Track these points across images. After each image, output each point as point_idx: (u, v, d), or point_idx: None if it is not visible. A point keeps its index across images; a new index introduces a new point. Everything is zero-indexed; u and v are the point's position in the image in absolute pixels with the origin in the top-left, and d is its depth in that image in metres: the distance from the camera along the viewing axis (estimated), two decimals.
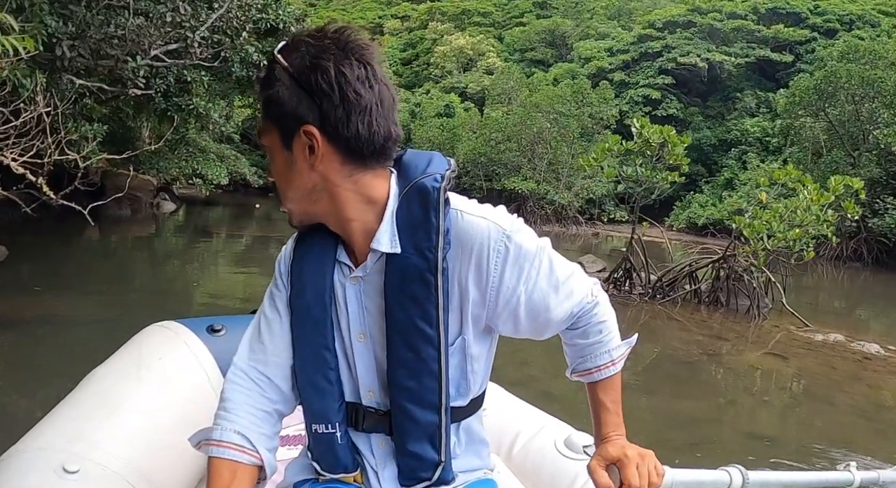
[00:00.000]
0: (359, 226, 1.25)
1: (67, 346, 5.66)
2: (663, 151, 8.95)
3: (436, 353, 1.28)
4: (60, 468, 1.66)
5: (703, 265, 9.93)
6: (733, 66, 33.75)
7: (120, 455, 1.83)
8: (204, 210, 19.90)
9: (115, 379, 2.20)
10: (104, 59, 8.74)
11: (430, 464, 1.34)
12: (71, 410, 2.02)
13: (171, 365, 2.30)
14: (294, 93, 1.16)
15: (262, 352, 1.36)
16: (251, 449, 1.30)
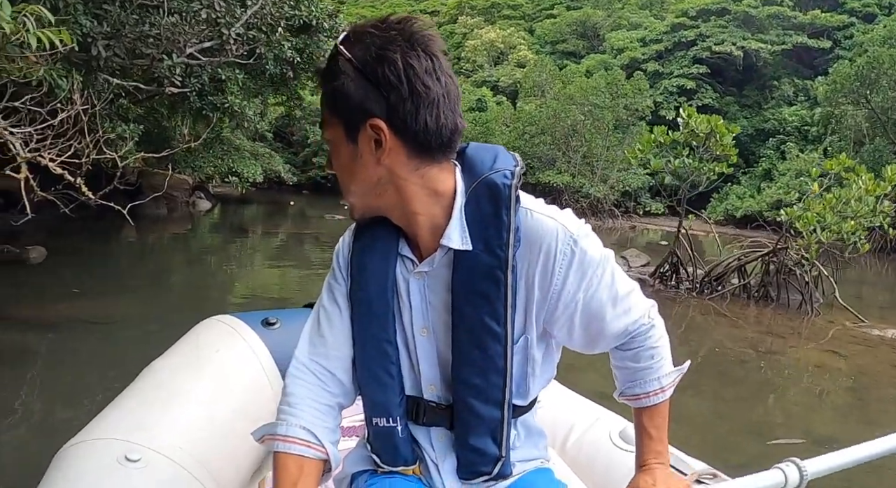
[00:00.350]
0: (425, 220, 1.24)
1: (107, 347, 5.60)
2: (710, 142, 8.67)
3: (502, 350, 1.27)
4: (123, 456, 1.70)
5: (753, 259, 9.62)
6: (769, 54, 33.07)
7: (180, 445, 1.86)
8: (238, 208, 19.90)
9: (174, 371, 2.26)
10: (139, 59, 8.69)
11: (490, 459, 1.35)
12: (131, 401, 2.07)
13: (228, 357, 2.36)
14: (360, 85, 1.14)
15: (323, 346, 1.35)
16: (317, 444, 1.29)
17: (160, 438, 1.85)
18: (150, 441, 1.81)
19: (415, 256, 1.28)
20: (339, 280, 1.36)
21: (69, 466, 1.72)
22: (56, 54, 6.09)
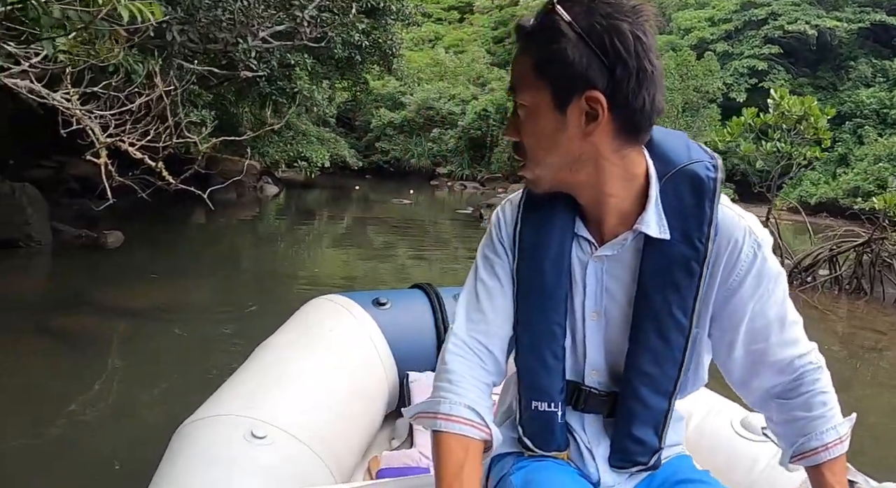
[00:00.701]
0: (615, 203, 1.21)
1: (186, 332, 5.60)
2: (802, 125, 8.24)
3: (683, 343, 1.25)
4: (249, 433, 1.74)
5: (845, 250, 9.13)
6: (845, 33, 31.64)
7: (301, 423, 1.90)
8: (303, 193, 19.95)
9: (289, 350, 2.30)
10: (213, 43, 8.64)
11: (649, 449, 1.32)
12: (250, 379, 2.11)
13: (341, 336, 2.39)
14: (583, 53, 1.07)
15: (484, 322, 1.31)
16: (481, 424, 1.25)
17: (283, 416, 1.88)
18: (274, 419, 1.85)
19: (593, 238, 1.25)
20: (501, 254, 1.32)
21: (196, 441, 1.75)
22: (133, 38, 6.07)
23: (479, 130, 25.13)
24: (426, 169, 26.46)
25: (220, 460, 1.68)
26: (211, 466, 1.67)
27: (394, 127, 27.44)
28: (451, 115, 26.96)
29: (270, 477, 1.69)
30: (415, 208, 17.44)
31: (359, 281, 8.52)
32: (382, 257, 10.43)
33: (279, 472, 1.72)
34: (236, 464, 1.68)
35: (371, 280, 8.55)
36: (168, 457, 1.75)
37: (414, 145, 26.85)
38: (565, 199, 1.26)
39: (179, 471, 1.67)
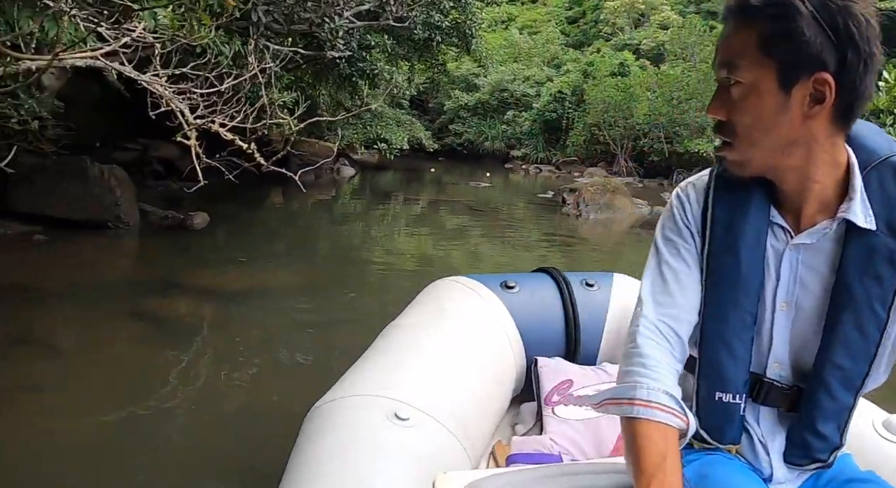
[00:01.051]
0: (818, 191, 1.19)
1: (276, 316, 5.55)
2: None
3: (878, 337, 1.22)
4: (392, 414, 1.72)
5: None
6: None
7: (440, 405, 1.89)
8: (376, 175, 19.91)
9: (421, 331, 2.28)
10: (297, 24, 8.58)
11: (830, 446, 1.28)
12: (385, 360, 2.10)
13: (472, 319, 2.38)
14: (817, 32, 1.05)
15: (673, 306, 1.27)
16: (680, 412, 1.20)
17: (424, 398, 1.87)
18: (416, 400, 1.83)
19: (789, 226, 1.23)
20: (686, 237, 1.30)
21: (336, 422, 1.73)
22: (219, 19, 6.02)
23: (554, 113, 24.64)
24: (500, 152, 26.11)
25: (364, 441, 1.65)
26: (355, 447, 1.64)
27: (467, 109, 27.18)
28: (525, 97, 26.56)
29: (415, 459, 1.66)
30: (492, 191, 17.20)
31: (445, 264, 8.41)
32: (464, 240, 10.27)
33: (423, 455, 1.69)
34: (382, 446, 1.65)
35: (459, 263, 8.42)
36: (305, 438, 1.73)
37: (488, 127, 26.53)
38: (760, 184, 1.24)
39: (322, 452, 1.64)
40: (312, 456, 1.64)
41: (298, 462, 1.64)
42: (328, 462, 1.60)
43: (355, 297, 6.36)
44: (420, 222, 12.39)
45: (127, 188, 8.41)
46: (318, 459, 1.62)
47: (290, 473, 1.62)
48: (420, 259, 8.67)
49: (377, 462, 1.60)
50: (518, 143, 25.85)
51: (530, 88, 26.71)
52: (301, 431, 1.79)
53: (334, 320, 5.53)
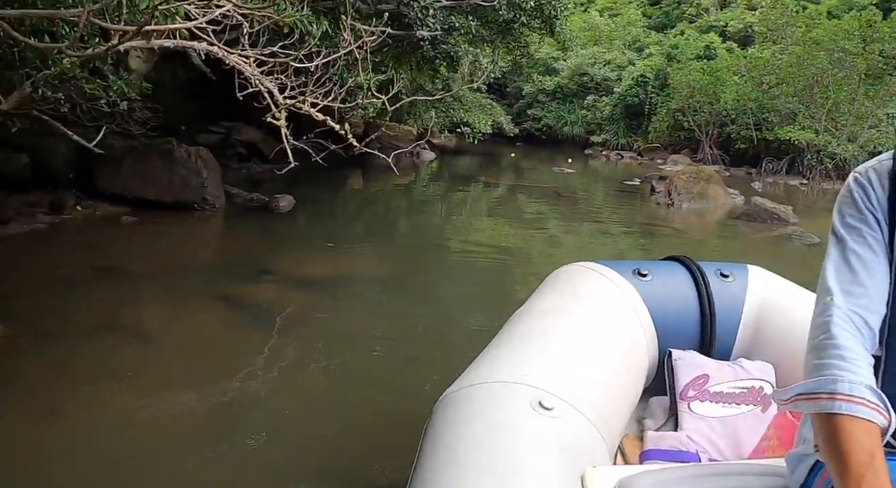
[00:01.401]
0: None
1: (362, 303, 5.48)
2: None
3: None
4: (537, 403, 1.67)
5: None
6: None
7: (582, 395, 1.82)
8: (454, 159, 19.68)
9: (555, 317, 2.21)
10: (384, 3, 8.40)
11: None
12: (522, 346, 2.03)
13: (605, 306, 2.31)
14: None
15: (865, 296, 1.19)
16: (883, 408, 1.09)
17: (566, 387, 1.81)
18: (558, 389, 1.78)
19: None
20: (871, 224, 1.24)
21: (475, 407, 1.68)
22: None
23: (636, 97, 23.87)
24: (579, 137, 25.48)
25: (508, 430, 1.59)
26: (499, 435, 1.57)
27: (546, 93, 26.62)
28: (605, 82, 25.85)
29: (561, 451, 1.59)
30: (576, 178, 16.72)
31: (542, 252, 8.19)
32: (553, 227, 9.96)
33: (568, 447, 1.62)
34: (527, 435, 1.58)
35: (555, 251, 8.14)
36: (439, 425, 1.69)
37: (567, 112, 25.94)
38: None
39: (461, 440, 1.58)
40: (451, 444, 1.58)
41: (434, 448, 1.60)
42: (470, 450, 1.54)
43: (444, 286, 6.15)
44: (503, 208, 12.08)
45: (213, 170, 8.37)
46: (458, 447, 1.56)
47: (425, 460, 1.58)
48: (509, 246, 8.37)
49: (524, 452, 1.53)
50: (598, 129, 25.17)
51: (611, 72, 25.96)
52: (432, 418, 1.75)
53: (422, 308, 5.35)
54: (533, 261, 7.51)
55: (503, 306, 5.65)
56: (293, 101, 6.02)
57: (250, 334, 4.58)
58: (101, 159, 7.89)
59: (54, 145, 7.69)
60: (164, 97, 11.57)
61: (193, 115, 12.06)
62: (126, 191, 7.90)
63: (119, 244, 6.86)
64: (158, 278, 5.61)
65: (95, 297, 5.01)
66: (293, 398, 3.70)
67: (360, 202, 11.82)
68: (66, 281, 5.39)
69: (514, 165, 19.77)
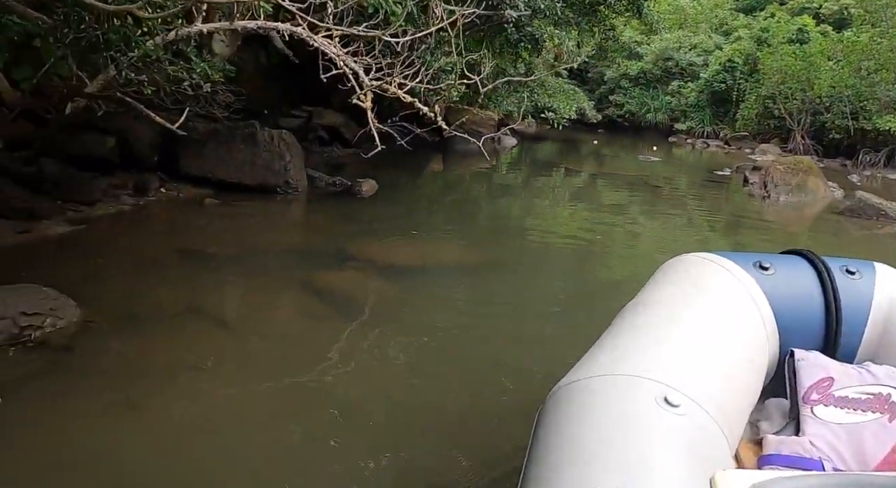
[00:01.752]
0: None
1: (450, 291, 5.27)
2: None
3: None
4: (663, 399, 1.59)
5: None
6: None
7: (707, 393, 1.72)
8: (534, 145, 19.26)
9: (673, 309, 2.10)
10: None
11: None
12: (640, 338, 1.94)
13: (726, 300, 2.19)
14: None
15: None
16: None
17: (690, 383, 1.71)
18: (682, 385, 1.68)
19: None
20: None
21: (594, 401, 1.63)
22: None
23: (723, 83, 22.97)
24: (662, 124, 24.71)
25: (632, 426, 1.51)
26: (623, 431, 1.50)
27: (629, 79, 25.91)
28: (691, 67, 24.98)
29: (688, 451, 1.48)
30: (661, 166, 16.07)
31: (633, 243, 7.83)
32: (643, 217, 9.45)
33: (695, 447, 1.52)
34: (653, 433, 1.49)
35: (650, 244, 7.73)
36: (554, 416, 1.64)
37: (650, 99, 25.18)
38: None
39: (580, 434, 1.52)
40: (572, 437, 1.52)
41: (553, 442, 1.54)
42: (595, 444, 1.47)
43: (529, 275, 5.89)
44: (587, 196, 11.65)
45: (296, 154, 8.22)
46: (581, 440, 1.50)
47: (541, 453, 1.53)
48: (596, 236, 7.97)
49: (652, 449, 1.45)
50: (682, 116, 24.32)
51: (697, 57, 25.07)
52: (546, 410, 1.70)
53: (509, 299, 5.10)
54: (628, 254, 7.17)
55: (593, 298, 5.47)
56: (379, 83, 5.79)
57: (334, 323, 4.38)
58: (185, 142, 7.83)
59: (140, 128, 7.66)
60: (247, 81, 11.53)
61: (276, 99, 12.01)
62: (209, 174, 7.83)
63: (201, 227, 6.78)
64: (240, 262, 5.46)
65: (177, 281, 4.89)
66: (379, 391, 3.49)
67: (441, 187, 11.58)
68: (148, 264, 5.30)
69: (595, 152, 19.25)
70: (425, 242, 6.55)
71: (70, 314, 3.94)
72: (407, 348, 4.04)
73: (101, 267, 5.10)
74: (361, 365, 3.78)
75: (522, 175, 13.96)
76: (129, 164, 7.78)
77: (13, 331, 3.67)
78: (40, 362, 3.62)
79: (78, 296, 4.17)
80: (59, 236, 5.84)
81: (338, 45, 5.83)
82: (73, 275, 4.71)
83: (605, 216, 9.26)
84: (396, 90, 5.46)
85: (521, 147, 18.00)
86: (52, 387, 3.35)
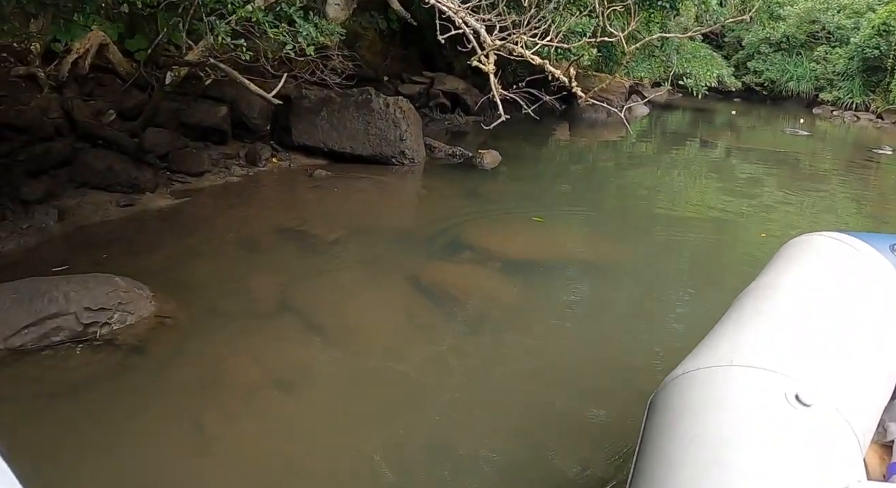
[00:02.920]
0: None
1: (569, 286, 4.52)
2: None
3: None
4: (794, 396, 1.40)
5: None
6: None
7: (838, 391, 1.51)
8: (664, 114, 17.82)
9: (801, 295, 1.84)
10: None
11: None
12: (763, 326, 1.71)
13: (857, 285, 1.93)
14: None
15: None
16: None
17: (821, 380, 1.49)
18: (813, 381, 1.47)
19: None
20: None
21: (717, 393, 1.45)
22: None
23: (875, 49, 20.53)
24: (805, 94, 22.46)
25: (758, 424, 1.32)
26: (748, 430, 1.31)
27: (769, 44, 23.68)
28: (839, 31, 22.52)
29: (820, 456, 1.29)
30: (813, 142, 14.35)
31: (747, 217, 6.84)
32: (791, 200, 8.12)
33: (827, 452, 1.31)
34: (782, 433, 1.31)
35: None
36: (667, 410, 1.47)
37: (793, 66, 22.96)
38: None
39: (698, 431, 1.35)
40: (684, 433, 1.35)
41: (664, 437, 1.39)
42: (713, 443, 1.30)
43: (655, 264, 4.96)
44: (729, 174, 10.24)
45: (413, 122, 7.50)
46: (695, 438, 1.33)
47: (653, 452, 1.38)
48: (738, 219, 6.88)
49: (783, 454, 1.27)
50: (828, 85, 22.00)
51: (847, 20, 22.57)
52: (657, 401, 1.53)
53: (631, 290, 4.41)
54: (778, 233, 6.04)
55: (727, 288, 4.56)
56: (503, 43, 4.97)
57: (444, 333, 3.67)
58: (298, 111, 7.25)
59: (252, 97, 7.16)
60: (367, 48, 10.97)
61: (396, 65, 11.38)
62: (321, 144, 7.24)
63: (308, 202, 6.19)
64: (344, 246, 4.81)
65: (272, 269, 4.28)
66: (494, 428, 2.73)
67: (567, 159, 10.63)
68: (244, 245, 4.73)
69: (732, 123, 17.59)
70: (549, 229, 5.67)
71: (142, 309, 3.38)
72: (520, 368, 3.27)
73: (192, 248, 4.56)
74: (474, 392, 3.04)
75: (653, 147, 12.71)
76: (242, 134, 7.30)
77: (76, 328, 3.14)
78: (107, 363, 3.09)
79: (159, 284, 3.63)
80: (160, 210, 5.37)
81: (456, 1, 5.04)
82: (159, 258, 4.19)
83: (754, 201, 7.85)
84: (523, 50, 4.62)
85: (650, 116, 16.65)
86: (115, 396, 2.80)
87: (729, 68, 18.82)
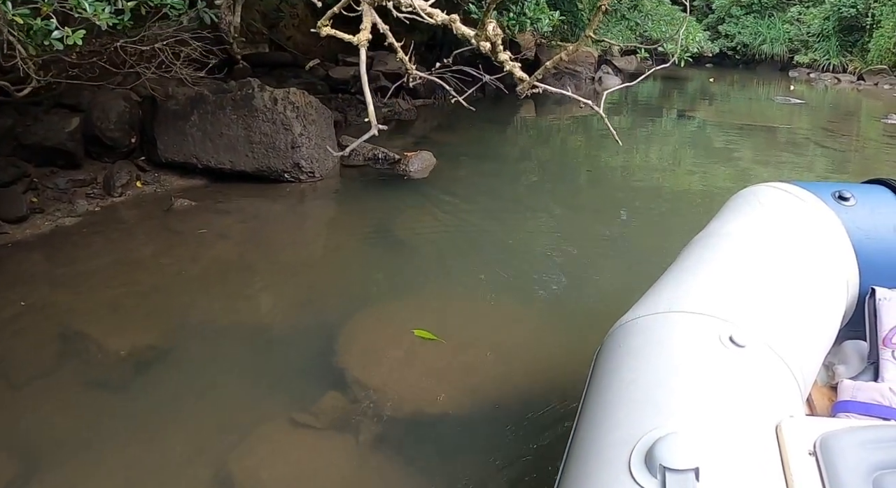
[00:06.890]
0: None
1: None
2: None
3: None
4: (728, 338, 1.34)
5: None
6: None
7: (774, 333, 1.42)
8: (636, 86, 15.47)
9: (740, 242, 1.72)
10: None
11: None
12: (704, 273, 1.60)
13: (800, 233, 1.80)
14: None
15: None
16: None
17: (756, 322, 1.41)
18: (749, 324, 1.39)
19: None
20: None
21: (653, 339, 1.36)
22: None
23: (853, 8, 18.13)
24: (779, 57, 20.10)
25: (694, 365, 1.25)
26: (685, 372, 1.23)
27: (741, 6, 21.21)
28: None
29: (754, 395, 1.22)
30: (808, 111, 11.89)
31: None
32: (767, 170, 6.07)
33: (761, 392, 1.24)
34: (715, 373, 1.23)
35: None
36: (612, 355, 1.38)
37: (766, 28, 20.50)
38: None
39: (640, 372, 1.27)
40: (628, 377, 1.28)
41: (608, 382, 1.31)
42: (653, 385, 1.22)
43: None
44: (724, 154, 8.00)
45: (314, 120, 5.20)
46: (637, 380, 1.25)
47: (597, 395, 1.31)
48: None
49: (714, 392, 1.20)
50: (803, 47, 19.63)
51: None
52: (604, 349, 1.44)
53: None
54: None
55: None
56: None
57: None
58: (163, 116, 4.99)
59: (108, 101, 4.88)
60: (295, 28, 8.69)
61: (334, 45, 9.02)
62: (194, 159, 4.98)
63: (142, 262, 3.85)
64: (130, 379, 2.57)
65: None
66: None
67: (528, 144, 8.51)
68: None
69: (703, 91, 15.20)
70: (457, 344, 3.20)
71: None
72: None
73: None
74: None
75: (627, 121, 10.39)
76: (100, 152, 5.00)
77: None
78: None
79: None
80: None
81: None
82: None
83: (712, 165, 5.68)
84: (458, 23, 2.41)
85: (623, 92, 14.31)
86: None
87: (705, 33, 16.42)
